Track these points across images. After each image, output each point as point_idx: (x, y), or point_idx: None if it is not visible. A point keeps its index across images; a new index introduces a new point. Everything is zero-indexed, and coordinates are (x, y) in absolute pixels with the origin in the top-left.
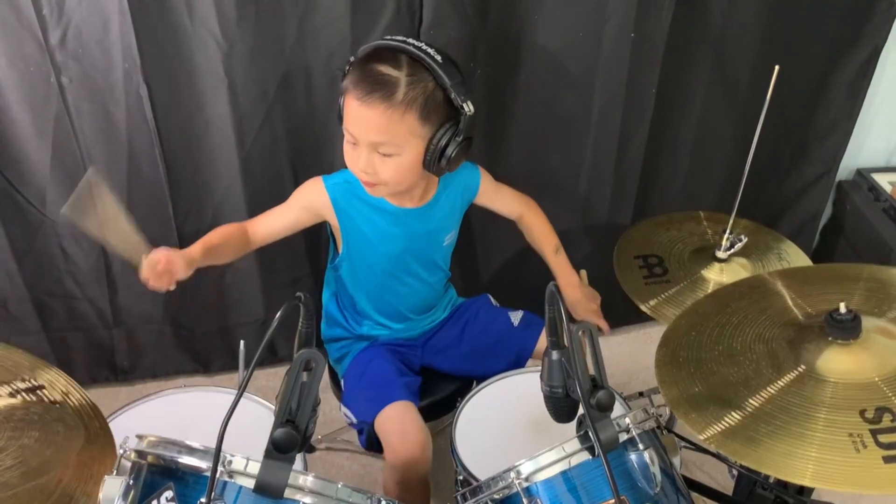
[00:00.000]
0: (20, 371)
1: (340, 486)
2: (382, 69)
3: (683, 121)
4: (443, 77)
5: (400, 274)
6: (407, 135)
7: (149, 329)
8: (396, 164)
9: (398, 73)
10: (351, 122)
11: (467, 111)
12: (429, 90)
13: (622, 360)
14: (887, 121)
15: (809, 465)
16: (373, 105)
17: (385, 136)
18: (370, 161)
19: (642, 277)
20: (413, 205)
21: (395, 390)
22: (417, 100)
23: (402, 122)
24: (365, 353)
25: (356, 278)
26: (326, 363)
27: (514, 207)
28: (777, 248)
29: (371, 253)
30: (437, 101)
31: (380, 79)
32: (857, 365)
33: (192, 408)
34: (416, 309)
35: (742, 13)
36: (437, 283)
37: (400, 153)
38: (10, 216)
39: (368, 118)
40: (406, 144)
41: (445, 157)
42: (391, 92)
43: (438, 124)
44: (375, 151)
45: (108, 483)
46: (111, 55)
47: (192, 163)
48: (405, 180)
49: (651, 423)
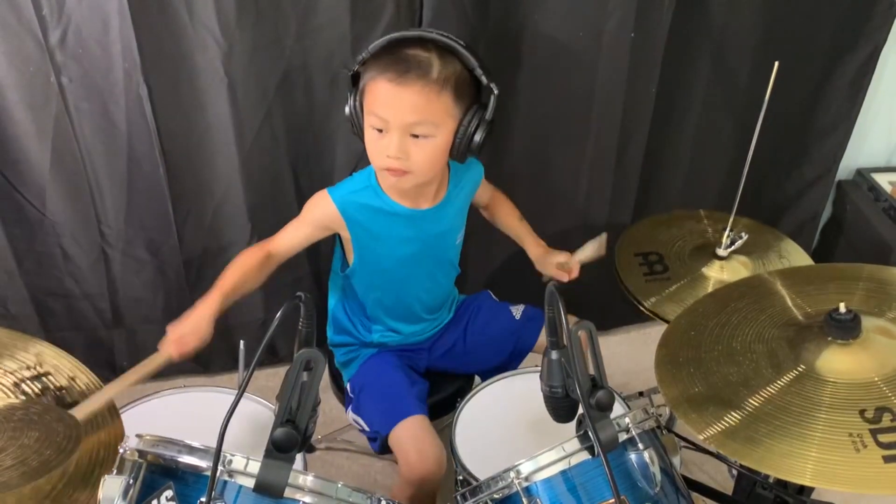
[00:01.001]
0: (24, 358)
1: (340, 486)
2: (413, 51)
3: (683, 120)
4: (469, 58)
5: (416, 276)
6: (443, 114)
7: (149, 329)
8: (432, 147)
9: (429, 54)
10: (382, 106)
11: (494, 91)
12: (458, 69)
13: (622, 360)
14: (887, 121)
15: (809, 464)
16: (409, 84)
17: (423, 114)
18: (402, 146)
19: (643, 274)
20: (427, 205)
21: (409, 403)
22: (451, 79)
23: (439, 99)
24: (374, 359)
25: (370, 285)
26: (326, 363)
27: (487, 193)
28: (777, 247)
29: (386, 258)
30: (467, 82)
31: (414, 59)
32: (856, 365)
33: (192, 408)
34: (430, 309)
35: (742, 13)
36: (449, 282)
37: (435, 134)
38: (10, 216)
39: (405, 97)
40: (442, 124)
41: (475, 142)
42: (427, 70)
43: (467, 106)
44: (408, 135)
45: (107, 482)
46: (111, 55)
47: (192, 163)
48: (434, 167)
49: (651, 423)
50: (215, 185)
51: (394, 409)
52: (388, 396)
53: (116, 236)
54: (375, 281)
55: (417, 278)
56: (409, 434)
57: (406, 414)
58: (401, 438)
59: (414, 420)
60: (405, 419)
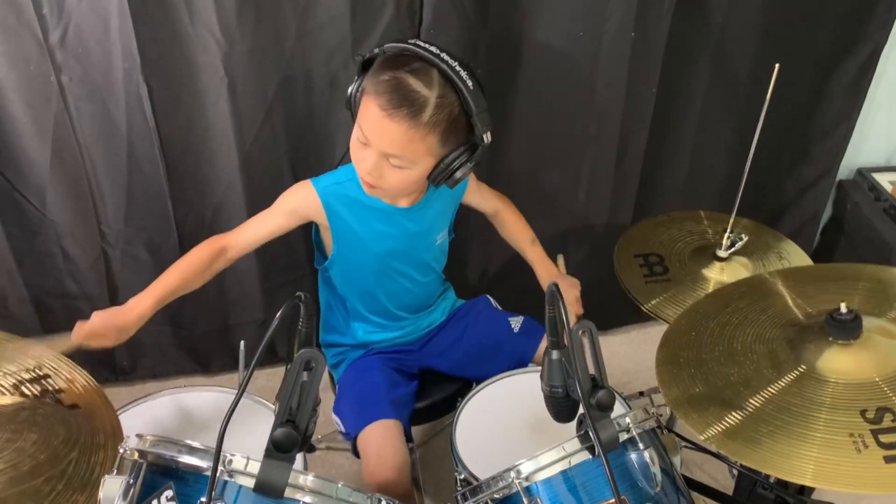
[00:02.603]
0: (24, 361)
1: (340, 486)
2: (413, 84)
3: (683, 121)
4: (470, 104)
5: (392, 273)
6: (424, 153)
7: (149, 329)
8: (404, 176)
9: (428, 93)
10: (367, 127)
11: (486, 142)
12: (454, 114)
13: (622, 360)
14: (887, 121)
15: (810, 465)
16: (397, 120)
17: (402, 150)
18: (378, 166)
19: (643, 276)
20: (406, 204)
21: (382, 407)
22: (441, 124)
23: (422, 141)
24: (360, 361)
25: (347, 279)
26: (326, 363)
27: (493, 203)
28: (777, 248)
29: (363, 252)
30: (460, 125)
31: (409, 95)
32: (857, 365)
33: (192, 408)
34: (408, 308)
35: (742, 13)
36: (429, 283)
37: (411, 167)
38: (10, 216)
39: (389, 130)
40: (420, 161)
41: (453, 179)
42: (418, 111)
43: (455, 146)
44: (386, 160)
45: (108, 482)
46: (111, 55)
47: (192, 162)
48: (406, 190)
49: (651, 423)
50: (215, 185)
51: (365, 411)
52: (362, 399)
53: (116, 236)
54: (352, 275)
55: (393, 276)
56: (373, 438)
57: (375, 417)
58: (365, 441)
59: (381, 424)
60: (373, 422)
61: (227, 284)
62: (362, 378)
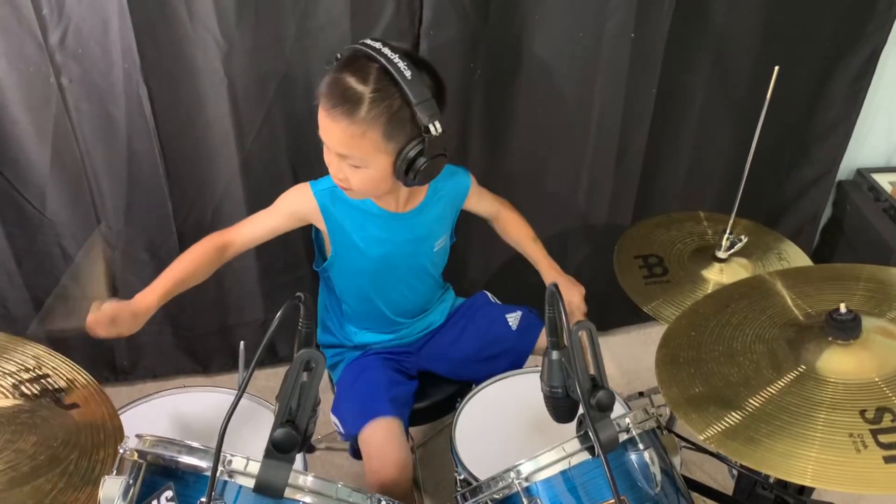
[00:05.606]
0: (24, 360)
1: (340, 486)
2: (349, 82)
3: (683, 121)
4: (409, 95)
5: (388, 279)
6: (371, 150)
7: (149, 329)
8: (364, 176)
9: (363, 89)
10: (320, 129)
11: (433, 132)
12: (394, 108)
13: (622, 360)
14: (887, 121)
15: (810, 465)
16: (336, 119)
17: (349, 150)
18: (340, 168)
19: (642, 277)
20: (397, 209)
21: (381, 405)
22: (380, 118)
23: (363, 138)
24: (358, 361)
25: (344, 283)
26: (326, 363)
27: (493, 206)
28: (777, 249)
29: (359, 257)
30: (404, 119)
31: (345, 93)
32: (857, 365)
33: (192, 408)
34: (405, 312)
35: (742, 13)
36: (426, 290)
37: (366, 166)
38: (10, 216)
39: (332, 130)
40: (371, 159)
41: (413, 171)
42: (353, 108)
43: (406, 140)
44: (344, 161)
45: (107, 483)
46: (111, 55)
47: (191, 162)
48: (376, 190)
49: (651, 423)
50: (215, 185)
51: (365, 409)
52: (362, 396)
53: (116, 236)
54: (349, 278)
55: (390, 281)
56: (374, 436)
57: (375, 415)
58: (367, 440)
59: (382, 421)
60: (373, 420)
61: (227, 285)
62: (361, 377)
